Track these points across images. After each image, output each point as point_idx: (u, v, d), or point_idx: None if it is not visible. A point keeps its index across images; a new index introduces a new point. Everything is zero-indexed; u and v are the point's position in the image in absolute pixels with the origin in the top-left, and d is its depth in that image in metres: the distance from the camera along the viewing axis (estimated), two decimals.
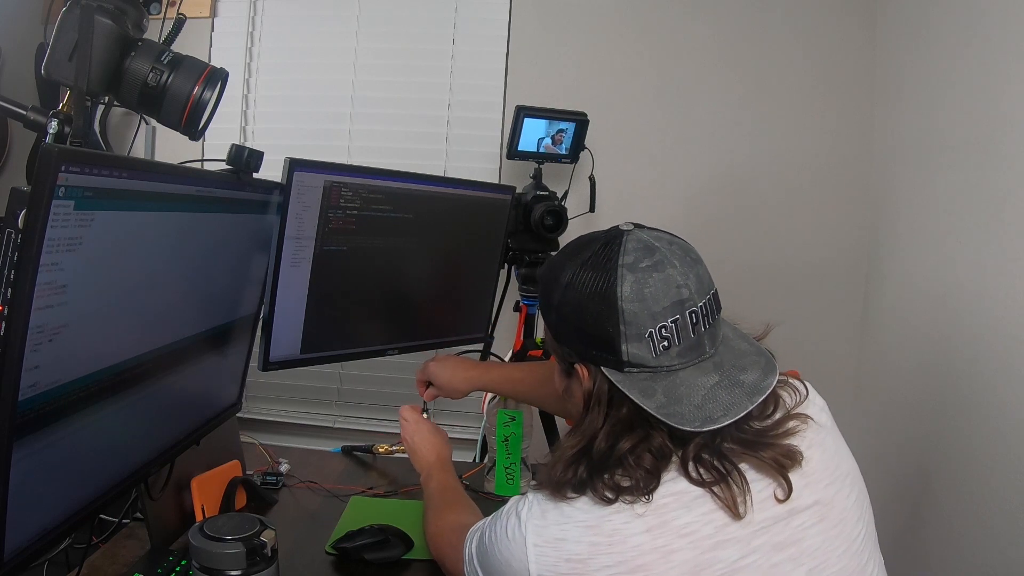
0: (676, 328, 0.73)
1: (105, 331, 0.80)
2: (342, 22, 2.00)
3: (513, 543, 0.77)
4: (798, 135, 1.93)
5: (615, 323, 0.73)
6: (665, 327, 0.73)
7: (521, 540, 0.76)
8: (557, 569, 0.73)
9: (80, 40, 0.89)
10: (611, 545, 0.71)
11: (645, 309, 0.73)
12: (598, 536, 0.72)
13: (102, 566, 1.08)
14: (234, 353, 1.25)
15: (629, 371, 0.74)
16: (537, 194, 1.71)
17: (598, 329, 0.74)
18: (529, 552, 0.75)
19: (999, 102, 1.31)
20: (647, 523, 0.71)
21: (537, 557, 0.74)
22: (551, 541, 0.74)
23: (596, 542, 0.72)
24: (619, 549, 0.71)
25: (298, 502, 1.36)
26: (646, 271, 0.74)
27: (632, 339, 0.73)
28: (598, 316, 0.74)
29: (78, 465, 0.82)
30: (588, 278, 0.76)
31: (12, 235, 0.64)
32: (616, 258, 0.75)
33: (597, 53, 1.96)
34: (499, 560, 0.79)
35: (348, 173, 1.32)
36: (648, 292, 0.73)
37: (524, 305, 1.74)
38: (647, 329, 0.73)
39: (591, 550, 0.72)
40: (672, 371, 0.74)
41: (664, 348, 0.73)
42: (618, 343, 0.73)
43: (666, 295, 0.73)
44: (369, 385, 2.05)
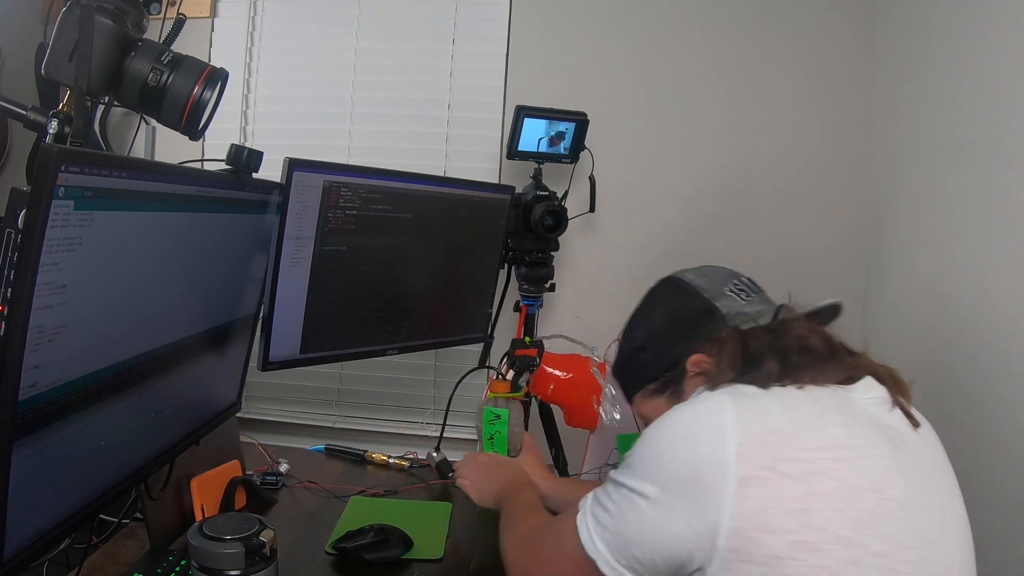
0: (744, 284, 0.89)
1: (105, 331, 0.80)
2: (342, 22, 2.00)
3: (704, 413, 0.71)
4: (798, 135, 1.93)
5: (698, 296, 0.87)
6: (736, 283, 0.88)
7: (716, 408, 0.70)
8: (763, 438, 0.68)
9: (80, 40, 0.89)
10: (813, 429, 0.70)
11: (712, 279, 0.89)
12: (799, 417, 0.70)
13: (102, 566, 1.08)
14: (234, 353, 1.25)
15: (733, 324, 0.83)
16: (537, 194, 1.71)
17: (689, 312, 0.86)
18: (727, 420, 0.68)
19: (999, 102, 1.31)
20: (842, 419, 0.71)
21: (739, 425, 0.68)
22: (754, 412, 0.70)
23: (799, 422, 0.70)
24: (820, 433, 0.69)
25: (298, 502, 1.36)
26: (699, 268, 0.92)
27: (719, 297, 0.86)
28: (681, 303, 0.88)
29: (78, 465, 0.82)
30: (653, 302, 0.93)
31: (12, 235, 0.64)
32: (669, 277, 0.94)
33: (597, 53, 1.96)
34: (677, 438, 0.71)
35: (348, 173, 1.32)
36: (707, 270, 0.91)
37: (524, 305, 1.74)
38: (724, 288, 0.87)
39: (795, 427, 0.69)
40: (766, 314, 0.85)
41: (747, 296, 0.86)
42: (712, 305, 0.85)
43: (719, 271, 0.91)
44: (369, 385, 2.05)
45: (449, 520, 1.31)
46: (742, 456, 0.66)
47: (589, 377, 1.60)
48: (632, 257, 1.98)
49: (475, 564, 1.18)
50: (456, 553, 1.20)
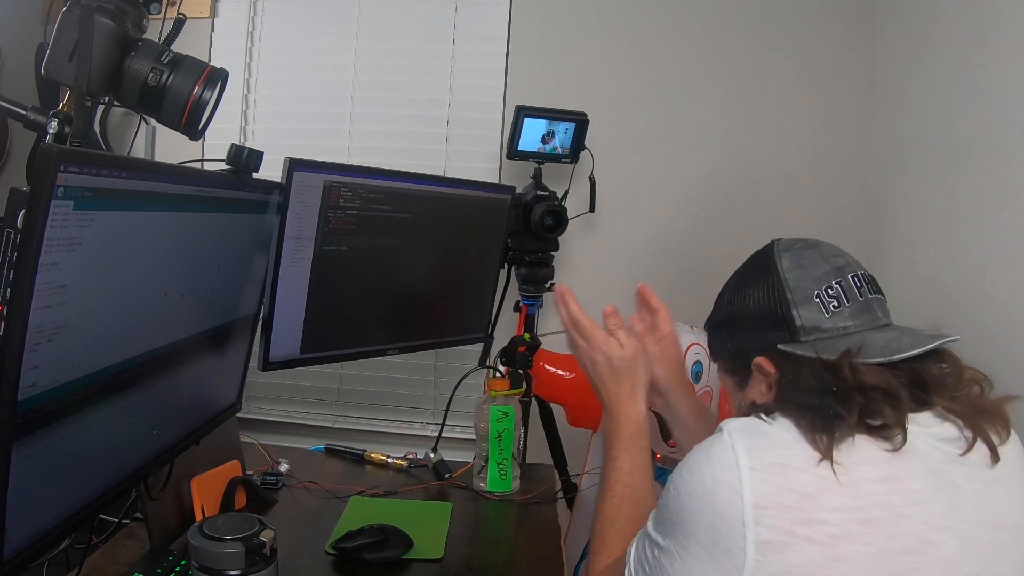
0: (842, 289, 0.75)
1: (104, 331, 0.80)
2: (342, 22, 2.00)
3: (719, 468, 0.65)
4: (798, 134, 1.93)
5: (781, 293, 0.76)
6: (830, 288, 0.75)
7: (731, 463, 0.64)
8: (779, 499, 0.62)
9: (80, 40, 0.89)
10: (842, 485, 0.62)
11: (806, 275, 0.76)
12: (826, 471, 0.63)
13: (102, 566, 1.08)
14: (234, 353, 1.25)
15: (806, 340, 0.74)
16: (537, 194, 1.71)
17: (767, 308, 0.77)
18: (744, 477, 0.63)
19: (999, 101, 1.31)
20: (882, 471, 0.64)
21: (754, 483, 0.63)
22: (772, 466, 0.64)
23: (825, 476, 0.62)
24: (850, 492, 0.62)
25: (298, 502, 1.36)
26: (800, 249, 0.79)
27: (801, 303, 0.75)
28: (764, 295, 0.77)
29: (78, 465, 0.81)
30: (749, 280, 0.81)
31: (11, 235, 0.64)
32: (771, 250, 0.81)
33: (597, 53, 1.96)
34: (696, 498, 0.66)
35: (348, 173, 1.32)
36: (806, 261, 0.77)
37: (524, 305, 1.74)
38: (813, 291, 0.75)
39: (820, 485, 0.62)
40: (849, 334, 0.73)
41: (835, 308, 0.74)
42: (788, 311, 0.75)
43: (824, 262, 0.77)
44: (369, 385, 2.05)
45: (449, 520, 1.31)
46: (760, 520, 0.62)
47: None
48: (632, 257, 1.98)
49: (475, 564, 1.18)
50: (456, 553, 1.20)
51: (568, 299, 1.00)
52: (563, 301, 1.00)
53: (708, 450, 0.68)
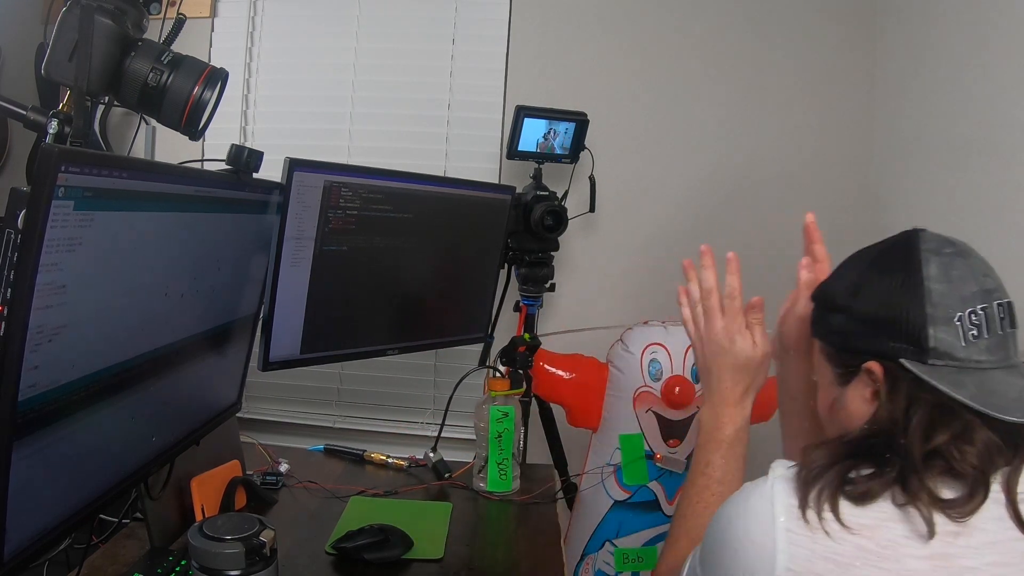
0: (985, 317, 0.65)
1: (105, 331, 0.80)
2: (342, 22, 2.00)
3: (754, 525, 0.63)
4: (798, 135, 1.93)
5: (920, 304, 0.66)
6: (974, 313, 0.65)
7: (768, 521, 0.62)
8: (812, 566, 0.60)
9: (80, 40, 0.89)
10: (881, 559, 0.59)
11: (953, 291, 0.66)
12: (868, 542, 0.59)
13: (102, 566, 1.08)
14: (234, 353, 1.25)
15: (934, 363, 0.65)
16: (537, 194, 1.71)
17: (899, 315, 0.67)
18: (779, 537, 0.61)
19: (999, 101, 1.31)
20: (931, 548, 0.59)
21: (789, 546, 0.60)
22: (809, 533, 0.61)
23: (864, 547, 0.59)
24: (890, 566, 0.59)
25: (298, 502, 1.36)
26: (950, 256, 0.68)
27: (940, 322, 0.65)
28: (899, 300, 0.67)
29: (78, 465, 0.81)
30: (887, 267, 0.70)
31: (12, 235, 0.64)
32: (916, 244, 0.69)
33: (597, 53, 1.96)
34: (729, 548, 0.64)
35: (348, 173, 1.32)
36: (955, 274, 0.67)
37: (524, 305, 1.74)
38: (956, 312, 0.65)
39: (857, 554, 0.59)
40: (981, 369, 0.64)
41: (973, 337, 0.65)
42: (924, 327, 0.65)
43: (973, 280, 0.67)
44: (369, 385, 2.05)
45: (449, 520, 1.31)
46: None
47: (591, 377, 1.60)
48: (632, 257, 1.98)
49: (475, 564, 1.18)
50: (456, 553, 1.20)
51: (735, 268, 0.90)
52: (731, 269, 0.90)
53: (747, 499, 0.65)
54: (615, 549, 1.54)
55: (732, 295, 0.89)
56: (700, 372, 0.92)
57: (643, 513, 1.54)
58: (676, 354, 1.53)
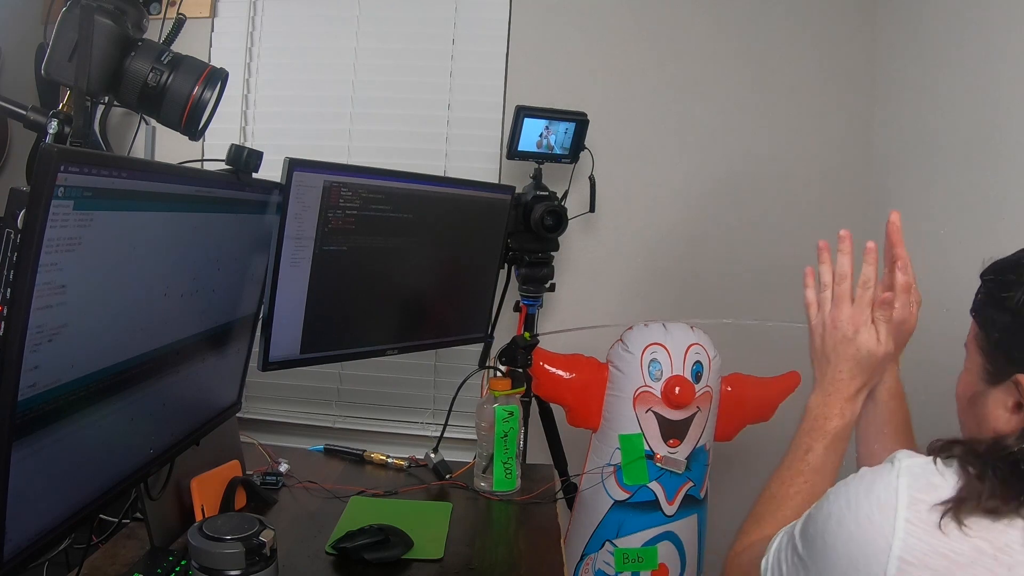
0: None
1: (104, 331, 0.80)
2: (342, 22, 2.00)
3: (876, 510, 0.62)
4: (798, 135, 1.93)
5: None
6: None
7: (890, 508, 0.61)
8: (927, 560, 0.59)
9: (80, 40, 0.89)
10: (996, 560, 0.59)
11: None
12: (985, 544, 0.59)
13: (102, 566, 1.08)
14: (234, 353, 1.25)
15: None
16: (537, 194, 1.71)
17: None
18: (898, 527, 0.60)
19: (999, 102, 1.31)
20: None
21: (907, 536, 0.60)
22: (931, 523, 0.60)
23: (981, 549, 0.59)
24: (1002, 571, 0.58)
25: (298, 502, 1.36)
26: None
27: None
28: None
29: (78, 465, 0.81)
30: None
31: (12, 235, 0.64)
32: None
33: (597, 53, 1.96)
34: (844, 529, 0.64)
35: (348, 173, 1.32)
36: None
37: (524, 305, 1.74)
38: None
39: (973, 555, 0.59)
40: None
41: None
42: None
43: None
44: (369, 385, 2.05)
45: (449, 520, 1.31)
46: (901, 573, 0.60)
47: (591, 377, 1.60)
48: (632, 257, 1.98)
49: (475, 564, 1.18)
50: (456, 553, 1.20)
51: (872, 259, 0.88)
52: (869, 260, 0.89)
53: (871, 484, 0.65)
54: (615, 549, 1.54)
55: (867, 284, 0.87)
56: (816, 359, 0.90)
57: (643, 513, 1.53)
58: (676, 354, 1.53)
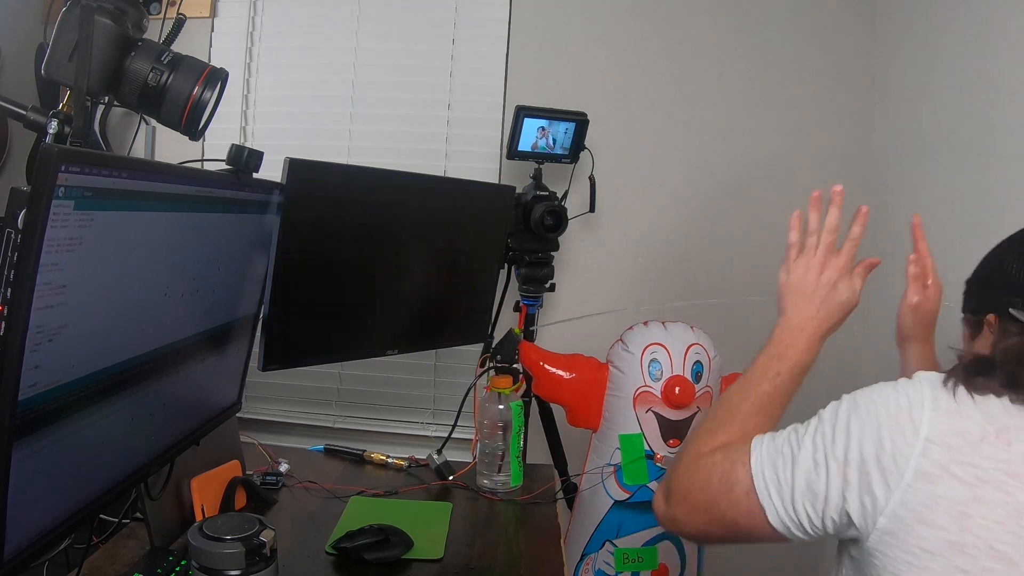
0: None
1: (105, 331, 0.80)
2: (342, 22, 2.00)
3: (907, 399, 0.73)
4: (799, 135, 1.93)
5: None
6: None
7: (919, 399, 0.73)
8: (947, 439, 0.70)
9: (80, 40, 0.89)
10: (998, 439, 0.69)
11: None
12: (992, 428, 0.70)
13: (102, 566, 1.08)
14: (234, 353, 1.25)
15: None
16: (537, 194, 1.71)
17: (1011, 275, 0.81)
18: (926, 413, 0.72)
19: (998, 102, 1.31)
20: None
21: (932, 420, 0.71)
22: (950, 413, 0.71)
23: (988, 429, 0.70)
24: (1004, 448, 0.69)
25: (298, 502, 1.36)
26: None
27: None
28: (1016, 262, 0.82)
29: (78, 465, 0.81)
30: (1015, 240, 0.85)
31: (12, 235, 0.64)
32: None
33: (597, 53, 1.96)
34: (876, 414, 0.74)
35: (348, 173, 1.32)
36: None
37: (524, 305, 1.74)
38: None
39: (982, 435, 0.70)
40: None
41: None
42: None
43: None
44: (369, 385, 2.05)
45: (449, 520, 1.31)
46: (925, 452, 0.70)
47: (591, 377, 1.60)
48: (632, 257, 1.98)
49: (475, 564, 1.18)
50: (456, 553, 1.20)
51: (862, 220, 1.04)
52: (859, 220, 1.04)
53: (896, 384, 0.76)
54: (615, 549, 1.54)
55: (855, 240, 1.01)
56: (789, 295, 0.98)
57: (643, 513, 1.53)
58: (676, 354, 1.53)
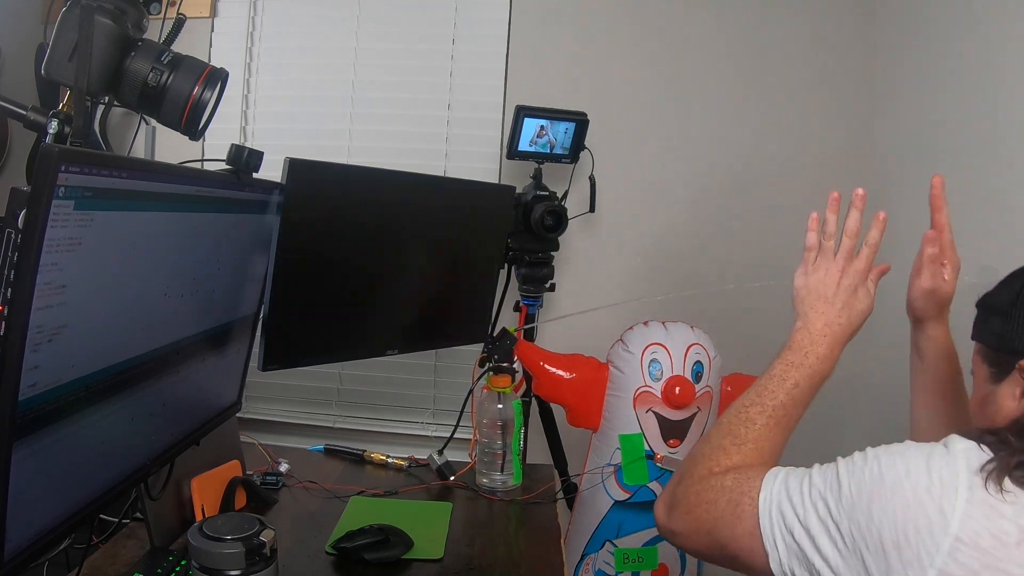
0: None
1: (105, 331, 0.80)
2: (342, 22, 2.00)
3: (938, 486, 0.64)
4: (798, 135, 1.93)
5: None
6: None
7: (952, 487, 0.63)
8: (980, 540, 0.62)
9: (80, 40, 0.89)
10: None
11: None
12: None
13: (102, 566, 1.08)
14: (234, 353, 1.25)
15: None
16: (537, 194, 1.71)
17: None
18: (958, 507, 0.62)
19: (999, 102, 1.31)
20: None
21: (965, 517, 0.62)
22: (985, 505, 0.62)
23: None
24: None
25: (298, 502, 1.36)
26: None
27: None
28: None
29: (78, 465, 0.81)
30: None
31: (12, 235, 0.64)
32: None
33: (597, 53, 1.96)
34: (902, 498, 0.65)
35: (348, 173, 1.32)
36: None
37: (524, 305, 1.74)
38: None
39: (1020, 537, 0.61)
40: None
41: None
42: None
43: None
44: (369, 385, 2.05)
45: (449, 520, 1.31)
46: (954, 553, 0.62)
47: (592, 377, 1.60)
48: (632, 257, 1.98)
49: (475, 564, 1.18)
50: (456, 553, 1.20)
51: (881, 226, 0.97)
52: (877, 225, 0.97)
53: (930, 459, 0.66)
54: (615, 549, 1.54)
55: (873, 246, 0.96)
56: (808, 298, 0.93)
57: (643, 513, 1.53)
58: (676, 354, 1.53)
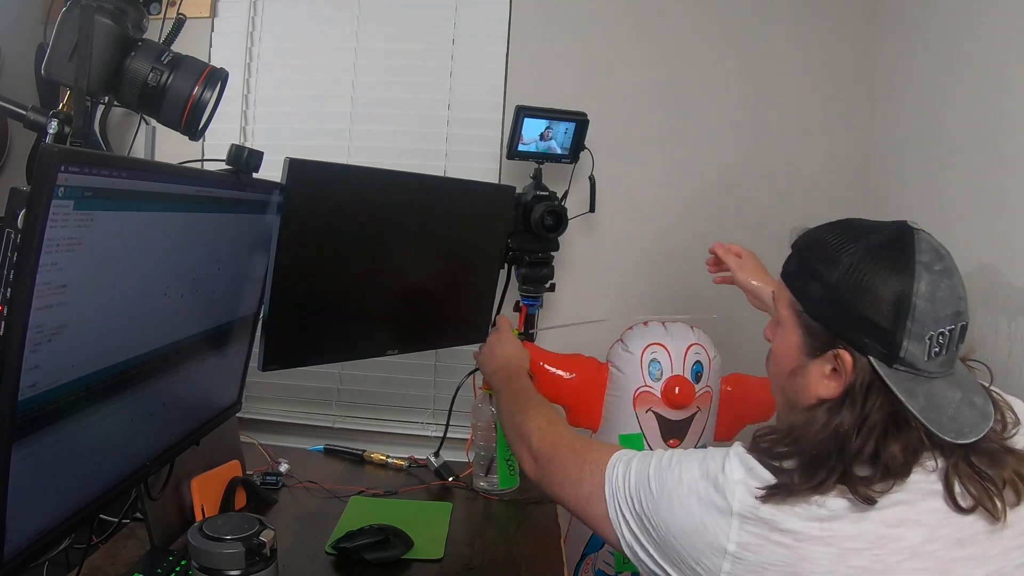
0: (949, 337, 0.73)
1: (105, 331, 0.80)
2: (342, 22, 2.00)
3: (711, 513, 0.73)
4: (799, 135, 1.93)
5: (903, 318, 0.72)
6: (943, 334, 0.73)
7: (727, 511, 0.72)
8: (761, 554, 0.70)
9: (80, 40, 0.89)
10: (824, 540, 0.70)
11: (933, 311, 0.72)
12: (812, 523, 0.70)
13: (102, 566, 1.08)
14: (234, 353, 1.25)
15: (897, 368, 0.73)
16: (537, 194, 1.71)
17: (881, 319, 0.73)
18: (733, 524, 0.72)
19: (999, 102, 1.31)
20: None
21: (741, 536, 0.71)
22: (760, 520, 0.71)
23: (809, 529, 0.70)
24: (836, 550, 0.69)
25: (298, 502, 1.36)
26: (939, 275, 0.74)
27: (914, 337, 0.72)
28: (887, 307, 0.73)
29: (78, 465, 0.82)
30: (881, 266, 0.75)
31: (12, 235, 0.64)
32: (912, 254, 0.75)
33: (597, 53, 1.96)
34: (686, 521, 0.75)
35: (348, 173, 1.32)
36: (939, 295, 0.73)
37: (524, 305, 1.74)
38: (929, 331, 0.72)
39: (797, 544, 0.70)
40: (931, 378, 0.73)
41: (935, 354, 0.73)
42: (899, 337, 0.72)
43: (950, 303, 0.74)
44: (369, 385, 2.05)
45: (449, 520, 1.31)
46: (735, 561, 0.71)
47: (591, 377, 1.60)
48: (632, 257, 1.97)
49: (475, 564, 1.18)
50: (456, 553, 1.20)
51: None
52: None
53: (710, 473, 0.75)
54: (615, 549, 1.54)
55: None
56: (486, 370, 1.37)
57: None
58: (676, 354, 1.53)
